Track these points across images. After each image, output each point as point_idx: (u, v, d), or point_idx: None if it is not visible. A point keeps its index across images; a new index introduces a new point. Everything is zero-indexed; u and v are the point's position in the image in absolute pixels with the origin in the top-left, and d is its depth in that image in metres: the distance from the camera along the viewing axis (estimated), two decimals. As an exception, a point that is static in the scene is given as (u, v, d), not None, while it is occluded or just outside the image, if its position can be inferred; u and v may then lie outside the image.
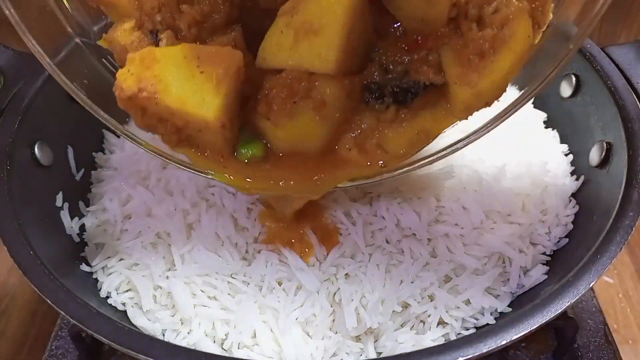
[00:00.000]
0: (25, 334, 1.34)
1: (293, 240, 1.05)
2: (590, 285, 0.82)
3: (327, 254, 1.04)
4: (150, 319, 1.00)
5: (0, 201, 0.94)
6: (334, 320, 0.99)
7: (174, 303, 1.00)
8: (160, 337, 0.97)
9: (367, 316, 0.95)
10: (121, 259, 1.07)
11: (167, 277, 1.02)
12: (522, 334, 0.77)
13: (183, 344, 0.96)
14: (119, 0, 0.85)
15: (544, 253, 1.07)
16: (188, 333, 0.97)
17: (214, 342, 0.97)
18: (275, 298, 1.00)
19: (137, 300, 1.03)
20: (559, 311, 0.79)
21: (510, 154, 1.13)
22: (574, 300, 0.80)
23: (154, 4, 0.80)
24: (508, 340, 0.77)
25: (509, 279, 1.02)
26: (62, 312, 0.80)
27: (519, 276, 1.02)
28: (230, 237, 1.05)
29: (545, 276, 1.02)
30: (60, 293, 0.84)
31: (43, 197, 1.09)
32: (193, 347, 0.95)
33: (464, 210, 1.07)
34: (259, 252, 1.04)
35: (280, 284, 1.02)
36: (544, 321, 0.78)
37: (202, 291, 1.01)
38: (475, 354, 0.75)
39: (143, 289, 1.01)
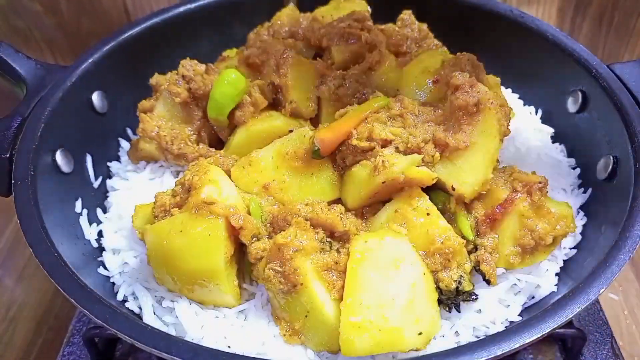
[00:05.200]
0: (32, 342, 1.35)
1: None
2: (601, 292, 0.84)
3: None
4: (166, 323, 1.01)
5: (25, 204, 0.97)
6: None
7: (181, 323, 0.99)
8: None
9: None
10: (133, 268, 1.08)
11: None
12: (535, 337, 0.79)
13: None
14: (152, 151, 1.22)
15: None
16: (202, 337, 0.98)
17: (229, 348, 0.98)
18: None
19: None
20: (571, 316, 0.81)
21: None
22: (585, 305, 0.82)
23: (168, 139, 1.19)
24: (521, 344, 0.78)
25: (520, 291, 1.03)
26: (85, 311, 0.82)
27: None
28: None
29: (555, 287, 1.03)
30: (84, 293, 0.85)
31: (64, 203, 1.11)
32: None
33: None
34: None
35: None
36: (555, 325, 0.80)
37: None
38: (490, 357, 0.77)
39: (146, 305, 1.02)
